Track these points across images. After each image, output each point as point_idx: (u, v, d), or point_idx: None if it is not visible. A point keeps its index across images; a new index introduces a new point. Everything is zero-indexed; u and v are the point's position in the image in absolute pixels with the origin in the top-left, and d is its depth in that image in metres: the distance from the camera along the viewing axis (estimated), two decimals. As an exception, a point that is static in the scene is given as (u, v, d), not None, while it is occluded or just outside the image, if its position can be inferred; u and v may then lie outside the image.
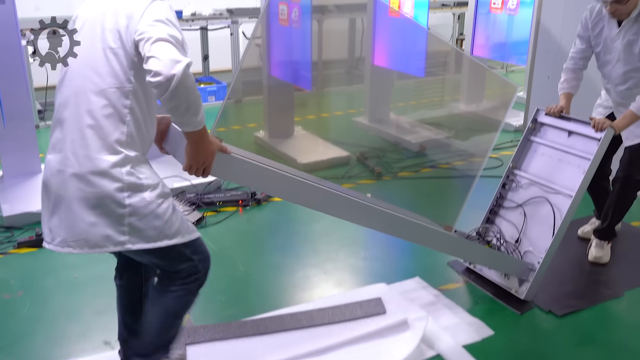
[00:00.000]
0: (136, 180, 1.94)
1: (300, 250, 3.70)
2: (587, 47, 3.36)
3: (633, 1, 3.06)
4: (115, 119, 1.91)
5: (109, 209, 1.92)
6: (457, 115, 6.62)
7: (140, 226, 1.95)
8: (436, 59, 7.73)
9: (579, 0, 4.53)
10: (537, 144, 3.37)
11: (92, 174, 1.90)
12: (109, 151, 1.91)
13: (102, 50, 1.92)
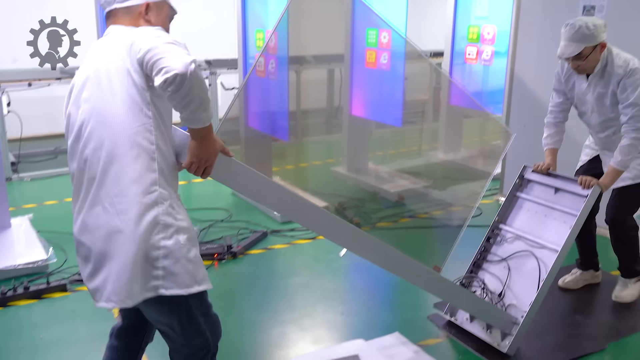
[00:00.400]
0: (173, 222, 1.91)
1: (276, 305, 3.59)
2: (565, 100, 3.38)
3: (594, 56, 3.08)
4: (144, 159, 1.87)
5: (144, 254, 1.87)
6: (435, 164, 6.63)
7: (175, 270, 1.90)
8: (414, 108, 7.82)
9: (551, 51, 4.58)
10: (523, 199, 3.36)
11: (130, 220, 1.86)
12: (145, 193, 1.87)
13: (113, 95, 1.87)
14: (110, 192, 1.88)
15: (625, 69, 3.05)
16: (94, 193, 1.91)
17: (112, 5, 1.99)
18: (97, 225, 1.90)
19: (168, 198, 1.91)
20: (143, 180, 1.87)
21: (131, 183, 1.86)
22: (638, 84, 3.01)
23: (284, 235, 4.59)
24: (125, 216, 1.86)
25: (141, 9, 1.99)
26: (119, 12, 1.99)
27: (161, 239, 1.88)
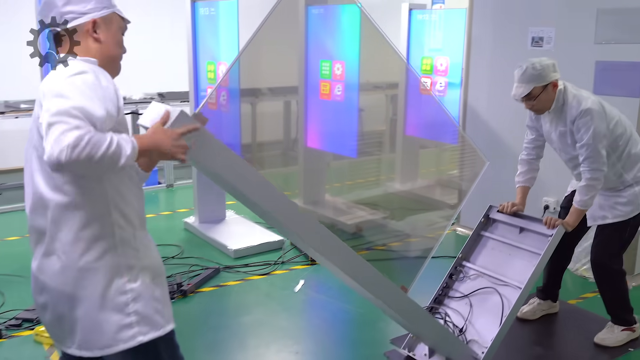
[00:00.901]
0: (135, 262, 1.82)
1: (228, 345, 3.43)
2: (538, 137, 3.37)
3: (545, 96, 3.09)
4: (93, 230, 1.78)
5: (111, 300, 1.77)
6: (393, 194, 6.59)
7: (145, 311, 1.81)
8: (371, 139, 7.82)
9: (502, 82, 4.63)
10: (487, 238, 3.35)
11: (83, 269, 1.76)
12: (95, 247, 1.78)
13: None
14: (63, 242, 1.78)
15: (578, 109, 3.05)
16: (47, 242, 1.82)
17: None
18: (53, 272, 1.80)
19: (125, 242, 1.81)
20: (94, 232, 1.78)
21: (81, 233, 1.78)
22: (590, 125, 3.00)
23: (237, 272, 4.44)
24: (77, 263, 1.77)
25: (87, 27, 1.84)
26: (64, 34, 1.84)
27: (126, 282, 1.79)
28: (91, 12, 1.83)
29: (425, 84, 6.21)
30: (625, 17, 4.02)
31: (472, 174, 5.24)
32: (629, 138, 3.18)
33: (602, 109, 3.06)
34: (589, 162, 3.04)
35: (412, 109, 6.52)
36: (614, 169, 3.18)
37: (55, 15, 1.81)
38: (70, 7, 1.81)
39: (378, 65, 8.09)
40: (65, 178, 1.74)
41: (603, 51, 4.15)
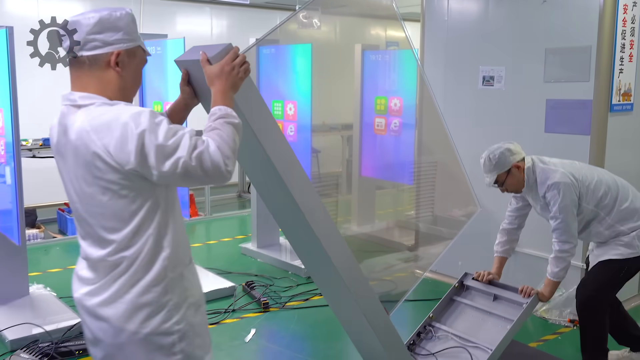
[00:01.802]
0: (182, 301, 1.76)
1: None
2: (524, 205, 3.35)
3: (512, 179, 3.15)
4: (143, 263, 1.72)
5: (158, 341, 1.72)
6: (349, 236, 6.45)
7: (190, 350, 1.77)
8: (327, 181, 7.71)
9: (455, 119, 4.61)
10: (459, 302, 3.30)
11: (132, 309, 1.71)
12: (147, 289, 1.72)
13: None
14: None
15: (546, 183, 3.08)
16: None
17: (78, 52, 1.69)
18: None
19: (179, 278, 1.76)
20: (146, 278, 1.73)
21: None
22: (557, 199, 3.04)
23: (184, 321, 4.19)
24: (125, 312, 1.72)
25: (110, 58, 1.70)
26: (84, 61, 1.70)
27: (174, 324, 1.73)
28: (116, 44, 1.70)
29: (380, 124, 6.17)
30: (572, 56, 4.04)
31: (455, 220, 5.17)
32: (616, 195, 3.16)
33: (571, 180, 3.08)
34: (558, 233, 3.07)
35: (367, 149, 6.45)
36: (604, 224, 3.16)
37: (79, 39, 1.69)
38: (95, 35, 1.68)
39: (332, 105, 8.07)
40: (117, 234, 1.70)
41: (553, 89, 4.16)
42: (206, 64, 1.77)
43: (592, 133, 3.97)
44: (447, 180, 5.19)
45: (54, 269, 5.38)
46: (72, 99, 1.71)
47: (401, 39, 10.76)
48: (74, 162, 1.68)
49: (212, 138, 1.64)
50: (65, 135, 1.68)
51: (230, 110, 1.71)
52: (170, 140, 1.58)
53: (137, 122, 1.58)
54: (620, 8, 3.90)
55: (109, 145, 1.58)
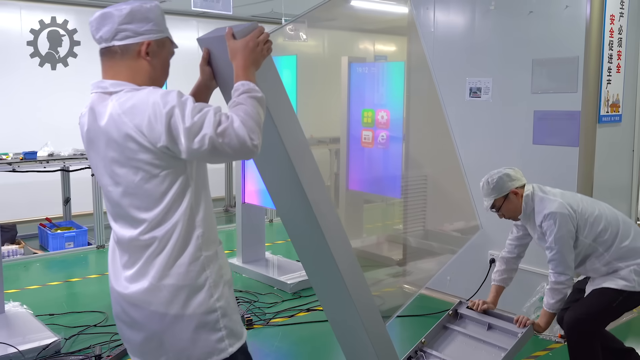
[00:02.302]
0: (219, 279, 1.82)
1: None
2: (524, 235, 3.30)
3: (509, 205, 3.12)
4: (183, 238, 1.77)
5: (203, 319, 1.77)
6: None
7: (231, 325, 1.84)
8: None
9: (443, 132, 4.55)
10: (452, 330, 3.24)
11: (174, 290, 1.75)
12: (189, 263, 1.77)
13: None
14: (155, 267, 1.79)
15: (542, 212, 3.04)
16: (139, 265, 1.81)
17: (110, 42, 1.77)
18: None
19: (212, 259, 1.81)
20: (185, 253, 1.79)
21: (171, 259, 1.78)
22: (552, 229, 2.99)
23: (165, 340, 4.06)
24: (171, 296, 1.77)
25: (141, 48, 1.77)
26: (116, 51, 1.77)
27: (215, 301, 1.79)
28: (147, 34, 1.78)
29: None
30: (559, 67, 3.99)
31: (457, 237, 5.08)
32: (617, 231, 3.08)
33: (568, 211, 3.02)
34: (554, 264, 3.01)
35: (354, 163, 6.37)
36: (602, 260, 3.07)
37: (109, 29, 1.76)
38: (127, 25, 1.76)
39: (321, 118, 8.00)
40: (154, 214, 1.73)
41: (540, 101, 4.11)
42: (231, 38, 1.83)
43: (580, 145, 3.91)
44: (441, 194, 5.12)
45: (33, 286, 5.24)
46: (103, 87, 1.77)
47: (390, 52, 10.75)
48: (106, 146, 1.72)
49: (236, 114, 1.67)
50: (96, 122, 1.73)
51: (253, 84, 1.75)
52: (196, 117, 1.63)
53: (165, 100, 1.64)
54: (607, 18, 3.86)
55: (141, 125, 1.64)
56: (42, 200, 7.20)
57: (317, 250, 2.25)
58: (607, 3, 3.83)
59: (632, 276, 3.00)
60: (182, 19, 8.61)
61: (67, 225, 6.67)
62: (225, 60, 1.86)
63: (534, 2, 4.10)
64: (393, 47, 10.29)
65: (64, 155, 6.36)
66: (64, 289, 5.22)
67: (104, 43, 1.77)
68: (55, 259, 6.11)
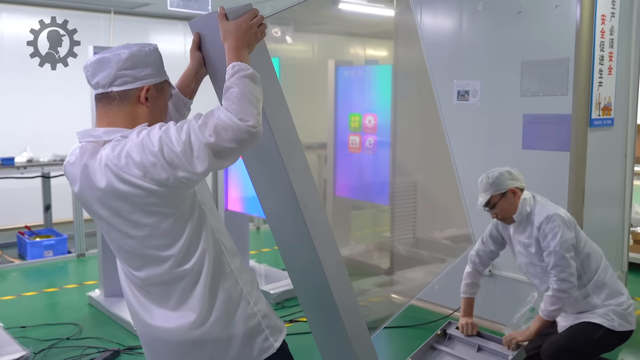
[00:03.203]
0: (250, 287, 1.84)
1: None
2: (496, 248, 3.24)
3: (505, 204, 3.00)
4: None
5: (247, 327, 1.81)
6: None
7: (272, 322, 1.87)
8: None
9: (431, 137, 4.41)
10: (440, 351, 3.14)
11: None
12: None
13: None
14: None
15: (544, 214, 2.93)
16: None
17: (108, 88, 1.69)
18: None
19: (240, 266, 1.83)
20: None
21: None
22: (557, 232, 2.86)
23: (140, 354, 3.89)
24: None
25: (140, 93, 1.71)
26: (114, 97, 1.70)
27: (253, 306, 1.82)
28: (146, 79, 1.72)
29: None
30: (549, 69, 3.86)
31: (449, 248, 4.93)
32: (599, 264, 2.99)
33: (570, 219, 2.94)
34: (557, 271, 2.85)
35: (341, 168, 6.22)
36: (582, 289, 2.96)
37: (107, 75, 1.69)
38: (126, 70, 1.69)
39: (309, 123, 7.85)
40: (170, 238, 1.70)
41: (530, 104, 3.97)
42: (223, 18, 1.77)
43: (571, 149, 3.77)
44: (431, 201, 4.99)
45: (7, 297, 5.06)
46: (95, 135, 1.68)
47: (381, 56, 10.62)
48: (107, 198, 1.65)
49: (223, 104, 1.63)
50: (92, 183, 1.65)
51: (243, 64, 1.68)
52: (182, 135, 1.57)
53: (152, 139, 1.58)
54: (598, 19, 3.72)
55: (144, 171, 1.58)
56: (22, 207, 7.02)
57: (304, 253, 2.13)
58: (598, 3, 3.70)
59: (610, 315, 2.91)
60: (167, 22, 8.46)
61: (47, 233, 6.49)
62: (216, 43, 1.78)
63: (522, 2, 3.97)
64: (384, 52, 10.17)
65: (43, 161, 6.19)
66: (40, 299, 5.04)
67: (100, 89, 1.70)
68: (33, 268, 5.92)
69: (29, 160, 6.14)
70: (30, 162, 6.11)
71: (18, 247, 6.44)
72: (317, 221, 2.05)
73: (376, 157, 5.83)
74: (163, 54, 1.81)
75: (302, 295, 2.39)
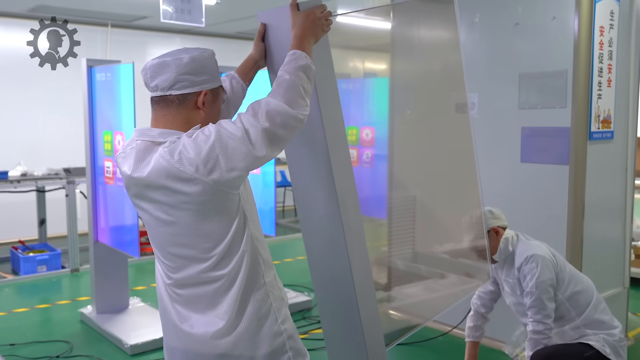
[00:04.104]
0: (281, 303, 1.83)
1: None
2: (497, 289, 3.19)
3: (489, 241, 2.98)
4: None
5: (271, 344, 1.77)
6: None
7: (296, 345, 1.84)
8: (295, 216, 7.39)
9: (428, 150, 4.34)
10: None
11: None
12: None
13: None
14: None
15: (524, 254, 2.92)
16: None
17: (167, 91, 1.71)
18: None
19: (273, 280, 1.82)
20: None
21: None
22: (534, 272, 2.85)
23: (130, 372, 3.81)
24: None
25: (198, 98, 1.74)
26: (173, 100, 1.72)
27: (280, 324, 1.80)
28: (204, 84, 1.75)
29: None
30: (547, 81, 3.80)
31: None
32: (591, 298, 2.94)
33: (550, 258, 2.90)
34: (533, 312, 2.84)
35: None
36: (572, 324, 2.91)
37: (167, 78, 1.71)
38: (186, 75, 1.71)
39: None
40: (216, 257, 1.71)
41: (528, 116, 3.91)
42: (295, 8, 1.90)
43: (570, 162, 3.69)
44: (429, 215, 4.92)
45: (-2, 313, 4.97)
46: (151, 135, 1.71)
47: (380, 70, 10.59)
48: (157, 194, 1.68)
49: (273, 90, 1.72)
50: (143, 172, 1.67)
51: (302, 53, 1.79)
52: (238, 124, 1.63)
53: (206, 134, 1.62)
54: (596, 30, 3.67)
55: (193, 165, 1.61)
56: (16, 221, 6.95)
57: (334, 252, 2.12)
58: (596, 14, 3.65)
59: (602, 343, 2.86)
60: (165, 35, 8.44)
61: (41, 247, 6.40)
62: (281, 35, 1.92)
63: (520, 14, 3.92)
64: (383, 65, 10.15)
65: (37, 175, 6.12)
66: (31, 316, 4.95)
67: (159, 92, 1.72)
68: (26, 283, 5.83)
69: (23, 174, 6.08)
70: (24, 176, 6.05)
71: (11, 262, 6.36)
72: (352, 219, 2.06)
73: (374, 171, 5.77)
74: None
75: (324, 302, 2.34)
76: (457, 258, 4.12)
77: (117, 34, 8.08)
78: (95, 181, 4.61)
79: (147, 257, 6.63)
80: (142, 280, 5.89)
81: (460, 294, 4.31)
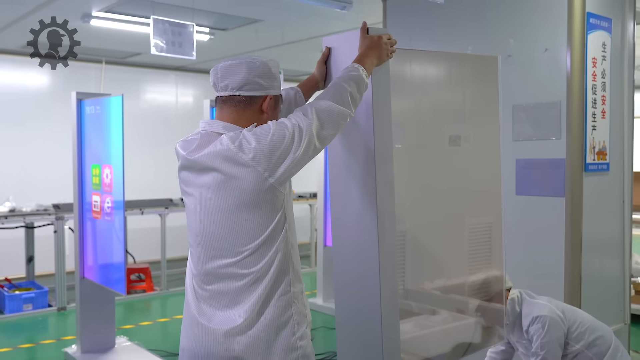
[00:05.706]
0: (303, 319, 1.82)
1: None
2: (508, 348, 3.16)
3: None
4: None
5: (282, 356, 1.74)
6: (314, 311, 5.95)
7: None
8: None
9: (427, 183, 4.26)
10: None
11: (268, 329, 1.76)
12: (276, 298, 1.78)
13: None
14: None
15: (530, 315, 2.92)
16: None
17: (236, 91, 1.82)
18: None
19: (298, 295, 1.82)
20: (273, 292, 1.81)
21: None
22: (540, 333, 2.86)
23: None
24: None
25: (263, 102, 1.85)
26: (241, 101, 1.82)
27: (297, 340, 1.78)
28: (270, 89, 1.85)
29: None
30: (541, 112, 3.77)
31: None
32: (610, 344, 2.92)
33: (558, 316, 2.88)
34: None
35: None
36: None
37: (239, 79, 1.81)
38: (257, 78, 1.81)
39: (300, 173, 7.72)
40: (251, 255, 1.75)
41: (523, 148, 3.86)
42: (364, 32, 2.04)
43: (566, 195, 3.63)
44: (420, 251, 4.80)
45: (-20, 353, 4.80)
46: (216, 127, 1.81)
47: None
48: (206, 177, 1.75)
49: (322, 91, 1.88)
50: (199, 153, 1.76)
51: (359, 66, 1.91)
52: (292, 120, 1.75)
53: (264, 129, 1.73)
54: (589, 61, 3.66)
55: (251, 152, 1.69)
56: (4, 259, 6.81)
57: (363, 265, 2.16)
58: (588, 45, 3.64)
59: None
60: (159, 72, 8.45)
61: (29, 285, 6.25)
62: (345, 58, 2.04)
63: (512, 46, 3.91)
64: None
65: (26, 211, 6.02)
66: (14, 356, 4.78)
67: (228, 91, 1.81)
68: (10, 322, 5.67)
69: (12, 210, 5.97)
70: (12, 212, 5.95)
71: (-4, 301, 6.19)
72: (387, 238, 2.13)
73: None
74: (154, 104, 1.81)
75: (344, 322, 2.33)
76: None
77: (111, 71, 8.08)
78: (83, 216, 4.51)
79: (135, 295, 6.49)
80: (130, 319, 5.74)
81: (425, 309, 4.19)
